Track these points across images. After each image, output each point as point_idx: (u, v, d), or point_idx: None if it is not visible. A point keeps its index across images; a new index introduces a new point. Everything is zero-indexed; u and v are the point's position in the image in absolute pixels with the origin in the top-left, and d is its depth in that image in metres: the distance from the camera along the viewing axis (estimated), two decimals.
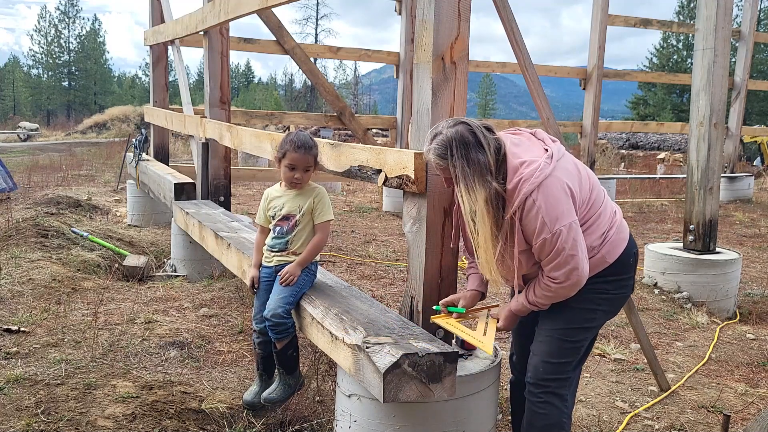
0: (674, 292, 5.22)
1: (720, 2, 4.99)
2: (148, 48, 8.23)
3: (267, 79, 74.39)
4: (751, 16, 11.49)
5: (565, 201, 2.04)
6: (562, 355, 2.22)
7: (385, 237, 7.46)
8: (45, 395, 2.89)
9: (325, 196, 2.95)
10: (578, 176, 2.14)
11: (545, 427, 2.22)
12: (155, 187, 6.58)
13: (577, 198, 2.09)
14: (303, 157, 2.87)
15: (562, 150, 2.17)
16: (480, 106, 71.23)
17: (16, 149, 19.56)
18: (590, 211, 2.15)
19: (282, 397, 2.97)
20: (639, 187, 12.84)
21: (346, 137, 21.32)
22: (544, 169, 2.04)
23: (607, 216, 2.19)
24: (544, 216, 2.01)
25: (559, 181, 2.04)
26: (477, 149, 2.06)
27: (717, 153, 5.16)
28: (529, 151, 2.13)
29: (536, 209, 2.02)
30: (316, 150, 2.92)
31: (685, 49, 38.57)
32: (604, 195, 2.24)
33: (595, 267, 2.15)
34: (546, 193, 2.02)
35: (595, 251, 2.15)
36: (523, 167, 2.06)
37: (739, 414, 3.30)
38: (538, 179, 2.02)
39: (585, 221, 2.14)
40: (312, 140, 2.93)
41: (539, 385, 2.24)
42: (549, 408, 2.21)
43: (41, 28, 60.87)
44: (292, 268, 2.89)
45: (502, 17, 2.82)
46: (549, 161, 2.07)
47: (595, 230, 2.15)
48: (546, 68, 10.57)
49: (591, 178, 2.21)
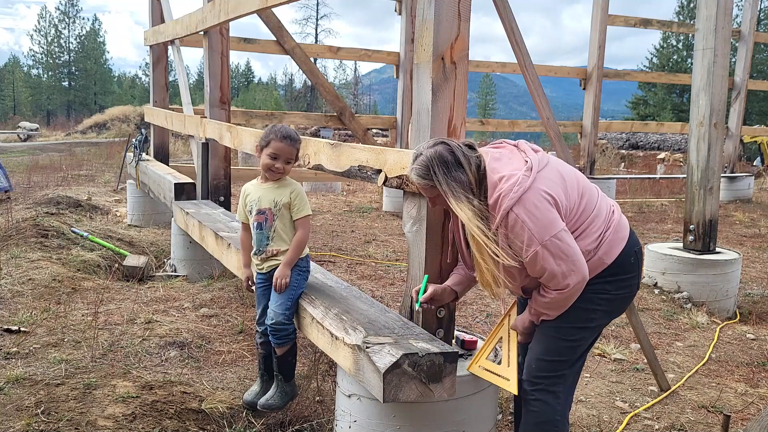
0: (674, 292, 5.22)
1: (720, 2, 4.99)
2: (148, 48, 8.23)
3: (267, 79, 74.44)
4: (751, 16, 11.49)
5: (550, 211, 2.03)
6: (557, 353, 2.21)
7: (385, 237, 7.46)
8: (45, 395, 2.89)
9: (302, 191, 2.95)
10: (563, 184, 2.12)
11: (537, 424, 2.22)
12: (155, 187, 6.58)
13: (562, 206, 2.08)
14: (287, 147, 2.86)
15: (545, 159, 2.15)
16: (480, 106, 71.21)
17: (16, 149, 19.56)
18: (582, 216, 2.14)
19: (280, 404, 2.98)
20: (639, 187, 12.83)
21: (346, 137, 21.33)
22: (523, 183, 2.04)
23: (603, 217, 2.18)
24: (530, 229, 2.02)
25: (541, 192, 2.04)
26: (457, 168, 2.09)
27: (717, 153, 5.16)
28: (510, 165, 2.13)
29: (521, 223, 2.02)
30: (299, 144, 2.94)
31: (685, 49, 38.58)
32: (598, 196, 2.23)
33: (593, 269, 2.14)
34: (527, 206, 2.02)
35: (592, 254, 2.14)
36: (502, 182, 2.07)
37: (739, 414, 3.30)
38: (518, 193, 2.02)
39: (577, 227, 2.12)
40: (297, 134, 2.94)
41: (532, 383, 2.23)
42: (541, 406, 2.21)
43: (41, 28, 60.93)
44: (281, 271, 2.89)
45: (502, 17, 2.83)
46: (528, 173, 2.06)
47: (589, 234, 2.13)
48: (546, 68, 10.56)
49: (580, 182, 2.19)
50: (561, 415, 2.22)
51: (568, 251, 2.04)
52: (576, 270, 2.06)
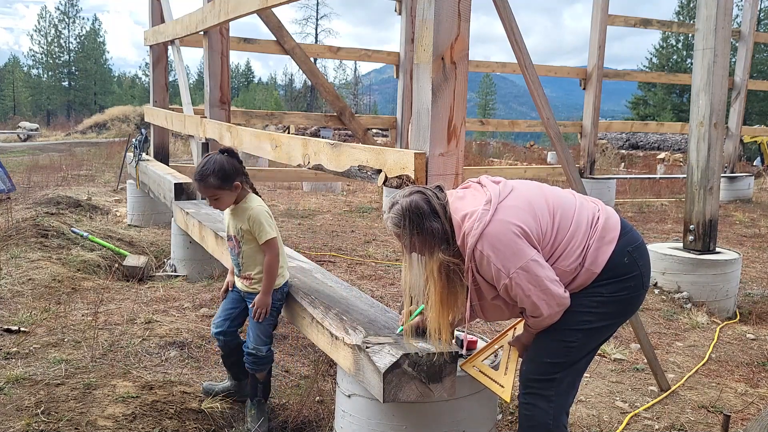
0: (674, 292, 5.22)
1: (720, 2, 4.99)
2: (148, 48, 8.23)
3: (267, 79, 74.50)
4: (751, 16, 11.49)
5: (515, 242, 2.02)
6: (550, 354, 2.18)
7: (385, 237, 7.45)
8: (45, 395, 2.89)
9: (259, 215, 2.84)
10: (530, 209, 2.10)
11: (529, 428, 2.20)
12: (155, 187, 6.58)
13: (533, 232, 2.06)
14: (202, 188, 2.82)
15: (506, 188, 2.14)
16: (480, 106, 71.22)
17: (16, 149, 19.55)
18: (558, 236, 2.11)
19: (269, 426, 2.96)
20: (639, 187, 12.83)
21: (346, 137, 21.33)
22: (483, 218, 2.04)
23: (583, 230, 2.13)
24: (495, 263, 2.02)
25: (503, 224, 2.03)
26: (433, 218, 2.10)
27: (717, 153, 5.16)
28: (473, 201, 2.13)
29: (486, 259, 2.03)
30: (212, 180, 2.77)
31: (685, 49, 38.60)
32: (575, 208, 2.17)
33: (586, 281, 2.12)
34: (490, 241, 2.02)
35: (579, 268, 2.11)
36: (464, 221, 2.08)
37: (739, 414, 3.30)
38: (479, 229, 2.03)
39: (555, 248, 2.10)
40: (208, 169, 2.77)
41: (525, 386, 2.23)
42: (533, 409, 2.19)
43: (41, 28, 60.93)
44: (260, 301, 2.88)
45: (502, 17, 2.82)
46: (488, 207, 2.06)
47: (571, 252, 2.10)
48: (546, 68, 10.55)
49: (549, 202, 2.15)
50: (554, 419, 2.18)
51: (537, 281, 2.03)
52: (548, 298, 2.05)
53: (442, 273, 2.13)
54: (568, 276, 2.12)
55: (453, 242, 2.12)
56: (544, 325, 2.16)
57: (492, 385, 2.28)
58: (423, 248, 2.14)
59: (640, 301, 2.27)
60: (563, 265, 2.10)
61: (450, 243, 2.13)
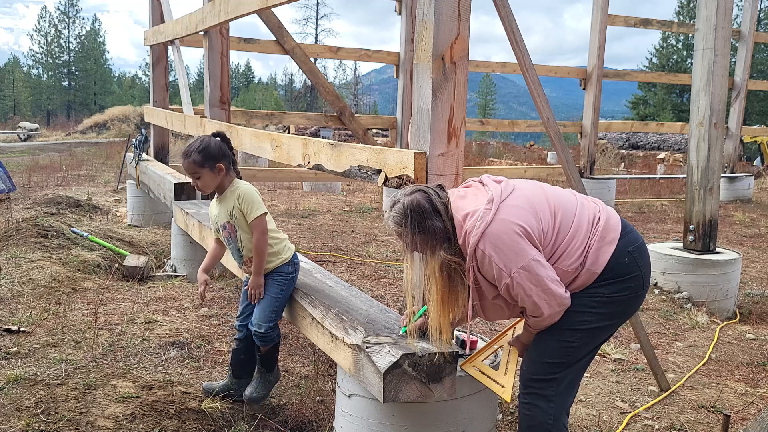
0: (674, 292, 5.22)
1: (720, 2, 4.99)
2: (148, 48, 8.23)
3: (267, 79, 74.49)
4: (751, 16, 11.49)
5: (517, 242, 2.02)
6: (550, 354, 2.18)
7: (385, 237, 7.45)
8: (45, 395, 2.89)
9: (248, 193, 2.86)
10: (531, 209, 2.09)
11: (529, 428, 2.20)
12: (155, 187, 6.58)
13: (534, 232, 2.05)
14: (185, 163, 2.82)
15: (508, 188, 2.14)
16: (480, 106, 71.19)
17: (16, 149, 19.56)
18: (559, 236, 2.10)
19: (265, 394, 3.02)
20: (639, 187, 12.83)
21: (346, 137, 21.33)
22: (485, 217, 2.04)
23: (584, 230, 2.13)
24: (497, 263, 2.02)
25: (505, 223, 2.03)
26: (434, 217, 2.10)
27: (717, 153, 5.16)
28: (475, 201, 2.13)
29: (488, 258, 2.03)
30: (195, 155, 2.79)
31: (685, 49, 38.59)
32: (576, 209, 2.17)
33: (587, 281, 2.12)
34: (492, 240, 2.02)
35: (580, 269, 2.11)
36: (466, 220, 2.08)
37: (739, 414, 3.30)
38: (480, 229, 2.03)
39: (556, 248, 2.10)
40: (193, 146, 2.81)
41: (525, 386, 2.23)
42: (533, 409, 2.19)
43: (41, 28, 60.93)
44: (253, 282, 2.90)
45: (502, 17, 2.82)
46: (489, 206, 2.06)
47: (572, 252, 2.10)
48: (546, 68, 10.56)
49: (551, 202, 2.15)
50: (554, 419, 2.18)
51: (538, 281, 2.03)
52: (549, 298, 2.05)
53: (443, 272, 2.14)
54: (568, 276, 2.12)
55: (454, 241, 2.12)
56: (545, 325, 2.16)
57: (492, 385, 2.28)
58: (424, 247, 2.13)
59: (640, 301, 2.26)
60: (564, 265, 2.10)
61: (451, 242, 2.13)
